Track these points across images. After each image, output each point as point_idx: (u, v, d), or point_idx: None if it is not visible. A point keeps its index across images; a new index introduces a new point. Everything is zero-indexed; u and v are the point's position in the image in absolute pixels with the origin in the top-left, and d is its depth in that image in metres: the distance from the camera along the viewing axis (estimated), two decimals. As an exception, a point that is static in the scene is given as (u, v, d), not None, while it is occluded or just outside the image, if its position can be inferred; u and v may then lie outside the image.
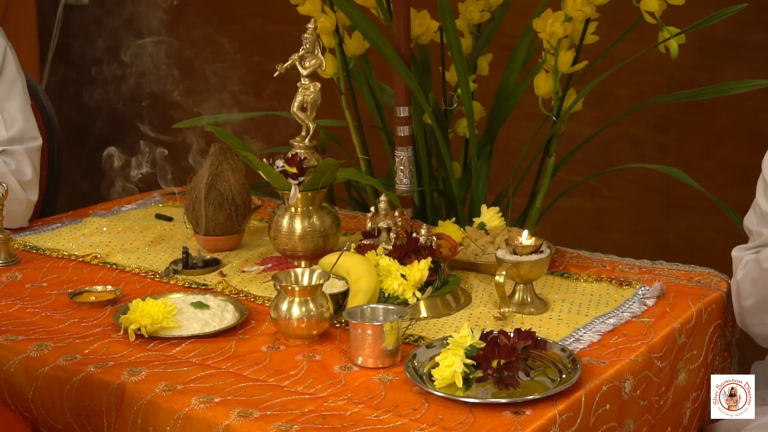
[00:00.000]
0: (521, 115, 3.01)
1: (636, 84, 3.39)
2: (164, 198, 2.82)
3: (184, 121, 2.81)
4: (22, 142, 2.61)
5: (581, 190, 3.41)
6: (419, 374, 1.76)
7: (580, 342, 1.90)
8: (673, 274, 2.22)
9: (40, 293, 2.18)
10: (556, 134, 2.63)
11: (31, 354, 1.88)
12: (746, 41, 3.21)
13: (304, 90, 2.22)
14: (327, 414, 1.66)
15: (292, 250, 2.24)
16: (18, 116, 2.61)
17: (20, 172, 2.57)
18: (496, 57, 2.83)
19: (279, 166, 2.20)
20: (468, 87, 2.55)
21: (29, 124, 2.64)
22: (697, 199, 3.26)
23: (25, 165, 2.59)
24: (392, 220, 2.15)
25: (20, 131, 2.60)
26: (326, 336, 1.94)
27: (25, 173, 2.58)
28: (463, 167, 2.79)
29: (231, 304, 2.05)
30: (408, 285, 2.03)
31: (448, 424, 1.63)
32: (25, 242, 2.46)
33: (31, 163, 2.60)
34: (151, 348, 1.90)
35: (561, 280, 2.21)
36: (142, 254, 2.39)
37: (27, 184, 2.57)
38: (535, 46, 2.71)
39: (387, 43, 2.52)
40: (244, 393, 1.73)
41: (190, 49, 4.26)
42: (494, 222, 2.37)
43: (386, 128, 2.82)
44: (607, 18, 2.73)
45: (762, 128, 3.23)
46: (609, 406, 1.77)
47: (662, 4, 2.47)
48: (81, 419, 1.81)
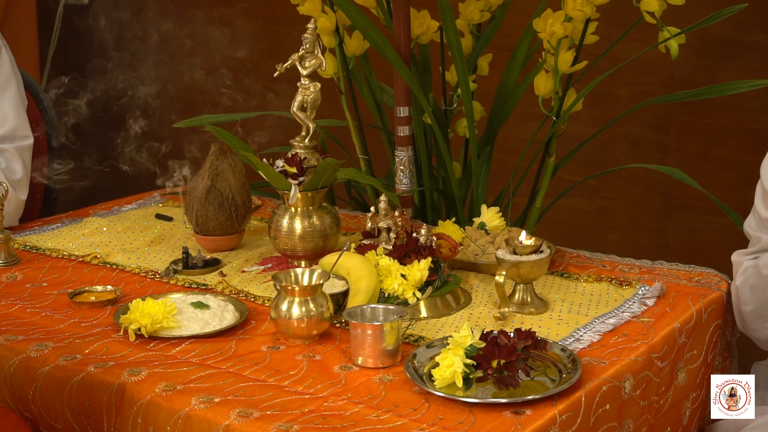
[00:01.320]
0: (521, 115, 3.01)
1: (636, 84, 3.39)
2: (164, 198, 2.82)
3: (184, 121, 2.81)
4: (12, 141, 2.60)
5: (581, 190, 3.41)
6: (419, 374, 1.76)
7: (580, 342, 1.90)
8: (673, 274, 2.22)
9: (40, 293, 2.18)
10: (556, 134, 2.63)
11: (31, 354, 1.88)
12: (746, 41, 3.21)
13: (304, 90, 2.22)
14: (327, 414, 1.66)
15: (292, 250, 2.24)
16: (10, 114, 2.61)
17: (10, 170, 2.57)
18: (496, 57, 2.83)
19: (279, 166, 2.20)
20: (468, 87, 2.55)
21: (21, 122, 2.63)
22: (697, 199, 3.26)
23: (16, 164, 2.58)
24: (392, 220, 2.15)
25: (11, 129, 2.60)
26: (326, 336, 1.94)
27: (15, 172, 2.57)
28: (463, 167, 2.79)
29: (231, 304, 2.06)
30: (408, 285, 2.03)
31: (448, 424, 1.63)
32: (25, 242, 2.47)
33: (21, 161, 2.59)
34: (151, 348, 1.90)
35: (561, 280, 2.21)
36: (142, 254, 2.39)
37: (17, 183, 2.57)
38: (535, 46, 2.71)
39: (387, 43, 2.52)
40: (244, 393, 1.73)
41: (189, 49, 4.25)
42: (494, 222, 2.37)
43: (386, 128, 2.82)
44: (607, 18, 2.73)
45: (762, 128, 3.23)
46: (609, 406, 1.77)
47: (662, 4, 2.47)
48: (81, 419, 1.81)
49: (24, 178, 2.59)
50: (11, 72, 2.65)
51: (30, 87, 2.91)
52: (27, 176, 2.61)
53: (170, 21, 4.09)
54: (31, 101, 2.90)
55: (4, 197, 2.33)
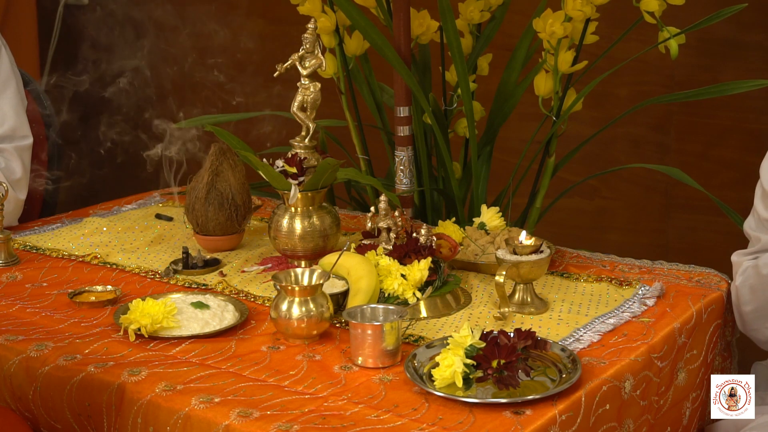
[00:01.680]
0: (521, 115, 3.01)
1: (636, 84, 3.39)
2: (164, 198, 2.82)
3: (185, 121, 2.81)
4: (12, 140, 2.60)
5: (581, 190, 3.41)
6: (419, 374, 1.76)
7: (580, 342, 1.90)
8: (673, 274, 2.22)
9: (40, 293, 2.18)
10: (556, 134, 2.63)
11: (31, 354, 1.88)
12: (746, 41, 3.21)
13: (304, 90, 2.22)
14: (327, 414, 1.66)
15: (292, 250, 2.24)
16: (9, 114, 2.61)
17: (9, 170, 2.57)
18: (496, 57, 2.83)
19: (279, 166, 2.20)
20: (468, 87, 2.55)
21: (20, 122, 2.63)
22: (697, 199, 3.26)
23: (15, 163, 2.58)
24: (392, 220, 2.15)
25: (11, 129, 2.60)
26: (326, 336, 1.94)
27: (14, 171, 2.57)
28: (463, 167, 2.79)
29: (231, 304, 2.06)
30: (408, 285, 2.03)
31: (448, 424, 1.63)
32: (25, 242, 2.46)
33: (20, 161, 2.59)
34: (151, 348, 1.90)
35: (561, 280, 2.21)
36: (142, 254, 2.39)
37: (16, 182, 2.57)
38: (535, 46, 2.71)
39: (387, 43, 2.52)
40: (244, 393, 1.73)
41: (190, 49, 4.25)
42: (494, 222, 2.37)
43: (386, 128, 2.82)
44: (607, 18, 2.73)
45: (762, 128, 3.23)
46: (609, 406, 1.77)
47: (662, 4, 2.47)
48: (81, 419, 1.81)
49: (23, 178, 2.59)
50: (10, 72, 2.65)
51: (30, 87, 2.91)
52: (26, 176, 2.61)
53: (171, 21, 4.09)
54: (31, 101, 2.90)
55: (4, 197, 2.33)
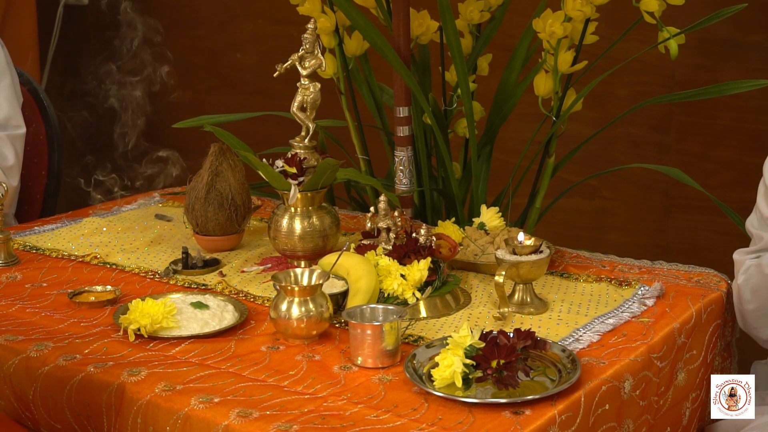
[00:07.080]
0: (521, 115, 3.01)
1: (636, 84, 3.39)
2: (164, 198, 2.82)
3: (185, 121, 2.81)
4: (5, 128, 2.62)
5: (581, 190, 3.41)
6: (419, 374, 1.76)
7: (579, 342, 1.90)
8: (673, 274, 2.22)
9: (40, 293, 2.18)
10: (556, 134, 2.63)
11: (31, 354, 1.88)
12: (746, 41, 3.21)
13: (304, 90, 2.22)
14: (326, 414, 1.66)
15: (292, 250, 2.24)
16: (3, 104, 2.64)
17: (2, 156, 2.59)
18: (496, 57, 2.83)
19: (279, 166, 2.20)
20: (468, 87, 2.55)
21: (14, 112, 2.66)
22: (697, 199, 3.26)
23: (7, 150, 2.60)
24: (392, 220, 2.15)
25: (4, 118, 2.63)
26: (326, 336, 1.94)
27: (6, 158, 2.59)
28: (463, 167, 2.79)
29: (231, 304, 2.06)
30: (408, 285, 2.04)
31: (448, 424, 1.63)
32: (25, 242, 2.47)
33: (13, 148, 2.61)
34: (150, 348, 1.90)
35: (561, 280, 2.21)
36: (141, 254, 2.39)
37: (8, 169, 2.59)
38: (535, 46, 2.71)
39: (387, 43, 2.52)
40: (243, 393, 1.73)
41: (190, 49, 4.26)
42: (494, 222, 2.37)
43: (386, 128, 2.82)
44: (607, 18, 2.73)
45: (762, 128, 3.23)
46: (608, 406, 1.77)
47: (662, 4, 2.47)
48: (81, 419, 1.81)
49: (15, 165, 2.62)
50: (6, 67, 2.69)
51: (30, 87, 2.92)
52: (18, 164, 2.63)
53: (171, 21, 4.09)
54: (32, 101, 2.91)
55: (3, 197, 2.33)
